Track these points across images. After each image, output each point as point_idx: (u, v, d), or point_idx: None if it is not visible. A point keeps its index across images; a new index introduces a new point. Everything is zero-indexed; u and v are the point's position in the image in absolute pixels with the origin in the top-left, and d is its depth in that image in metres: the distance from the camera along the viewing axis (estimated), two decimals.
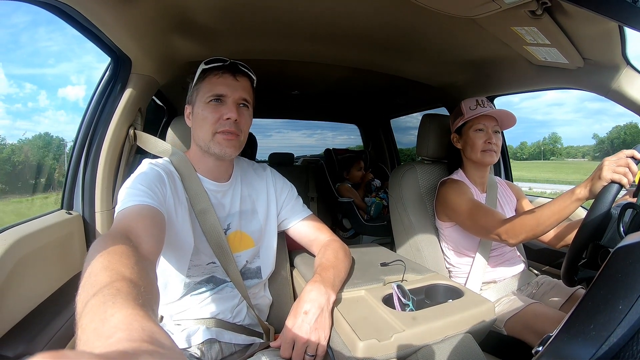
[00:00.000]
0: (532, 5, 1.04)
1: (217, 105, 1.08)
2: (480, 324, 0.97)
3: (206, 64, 1.10)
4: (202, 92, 1.09)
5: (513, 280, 1.59)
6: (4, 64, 67.00)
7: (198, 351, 1.05)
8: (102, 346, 0.38)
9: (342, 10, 1.32)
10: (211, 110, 1.07)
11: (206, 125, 1.07)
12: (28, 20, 33.77)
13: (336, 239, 1.28)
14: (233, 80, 1.09)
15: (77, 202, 1.32)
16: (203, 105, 1.08)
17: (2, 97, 62.63)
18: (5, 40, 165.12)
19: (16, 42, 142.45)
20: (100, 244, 0.65)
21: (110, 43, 1.21)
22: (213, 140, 1.08)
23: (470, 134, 1.61)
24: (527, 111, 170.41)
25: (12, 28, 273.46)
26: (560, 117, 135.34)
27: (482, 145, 1.58)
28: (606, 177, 1.06)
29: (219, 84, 1.08)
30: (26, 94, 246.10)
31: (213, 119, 1.07)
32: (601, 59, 1.33)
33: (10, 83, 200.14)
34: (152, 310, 0.51)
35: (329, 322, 0.96)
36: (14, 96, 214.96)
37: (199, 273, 1.10)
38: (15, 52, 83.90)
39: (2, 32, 37.99)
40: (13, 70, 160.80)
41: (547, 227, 1.23)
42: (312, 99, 3.15)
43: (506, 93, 2.04)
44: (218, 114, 1.07)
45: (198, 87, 1.11)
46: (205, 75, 1.10)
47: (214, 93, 1.07)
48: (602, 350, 0.49)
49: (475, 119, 1.60)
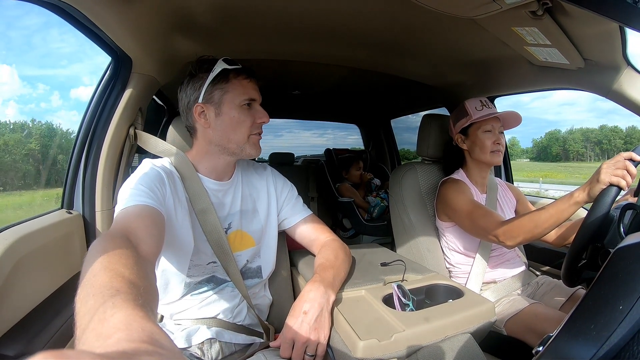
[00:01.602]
0: (532, 6, 1.04)
1: (249, 109, 1.10)
2: (481, 324, 0.97)
3: (228, 64, 1.08)
4: (234, 94, 1.08)
5: (513, 281, 1.59)
6: (17, 66, 67.46)
7: (198, 351, 1.05)
8: (101, 346, 0.38)
9: (343, 10, 1.32)
10: (247, 114, 1.10)
11: (243, 127, 1.09)
12: (40, 22, 34.08)
13: (336, 238, 1.28)
14: (256, 84, 1.13)
15: (78, 201, 1.32)
16: (238, 109, 1.08)
17: (15, 98, 63.41)
18: (19, 42, 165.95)
19: (29, 43, 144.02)
20: (100, 244, 0.65)
21: (111, 42, 1.21)
22: (248, 142, 1.11)
23: (479, 134, 1.61)
24: (538, 111, 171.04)
25: (25, 30, 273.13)
26: (572, 117, 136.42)
27: (491, 146, 1.59)
28: (604, 181, 1.06)
29: (251, 88, 1.11)
30: (39, 94, 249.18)
31: (250, 123, 1.10)
32: (602, 59, 1.32)
33: (24, 84, 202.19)
34: (151, 311, 0.51)
35: (329, 322, 0.97)
36: (27, 97, 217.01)
37: (199, 273, 1.10)
38: (28, 53, 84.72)
39: (16, 34, 38.30)
40: (27, 71, 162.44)
41: (545, 230, 1.24)
42: (312, 99, 3.16)
43: (507, 93, 2.04)
44: (252, 117, 1.10)
45: (225, 87, 1.08)
46: (228, 76, 1.08)
47: (249, 97, 1.10)
48: (603, 351, 0.49)
49: (484, 120, 1.60)
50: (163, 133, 1.58)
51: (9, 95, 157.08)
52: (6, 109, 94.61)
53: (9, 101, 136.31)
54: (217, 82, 1.07)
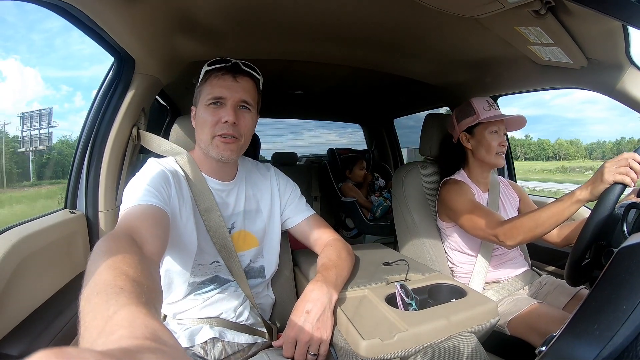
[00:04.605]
0: (535, 5, 1.04)
1: (217, 108, 1.07)
2: (484, 323, 0.97)
3: (208, 65, 1.10)
4: (203, 95, 1.09)
5: (516, 280, 1.58)
6: (40, 68, 67.92)
7: (201, 350, 1.05)
8: (104, 343, 0.38)
9: (346, 9, 1.32)
10: (210, 113, 1.06)
11: (206, 128, 1.07)
12: (61, 25, 33.53)
13: (339, 238, 1.28)
14: (233, 82, 1.08)
15: (81, 201, 1.32)
16: (204, 108, 1.08)
17: (39, 99, 63.97)
18: (41, 44, 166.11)
19: (51, 46, 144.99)
20: (104, 243, 0.65)
21: (113, 43, 1.22)
22: (212, 143, 1.07)
23: (486, 135, 1.59)
24: (559, 109, 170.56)
25: (46, 33, 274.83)
26: (593, 115, 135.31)
27: (497, 147, 1.58)
28: (608, 180, 1.05)
29: (218, 86, 1.07)
30: (62, 95, 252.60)
31: (212, 122, 1.06)
32: (605, 58, 1.32)
33: (47, 85, 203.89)
34: (155, 309, 0.52)
35: (331, 322, 0.97)
36: (50, 97, 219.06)
37: (203, 273, 1.10)
38: (50, 55, 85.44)
39: (38, 37, 38.45)
40: (50, 73, 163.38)
41: (545, 229, 1.22)
42: (315, 99, 3.15)
43: (510, 93, 2.03)
44: (217, 117, 1.06)
45: (200, 88, 1.11)
46: (207, 76, 1.10)
47: (213, 96, 1.07)
48: (606, 351, 0.49)
49: (491, 121, 1.59)
50: (166, 133, 1.59)
51: (32, 96, 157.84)
52: (30, 108, 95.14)
53: (33, 102, 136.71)
54: (200, 84, 1.12)
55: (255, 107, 1.14)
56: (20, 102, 54.42)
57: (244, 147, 1.13)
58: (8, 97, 70.13)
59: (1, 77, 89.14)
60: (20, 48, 45.06)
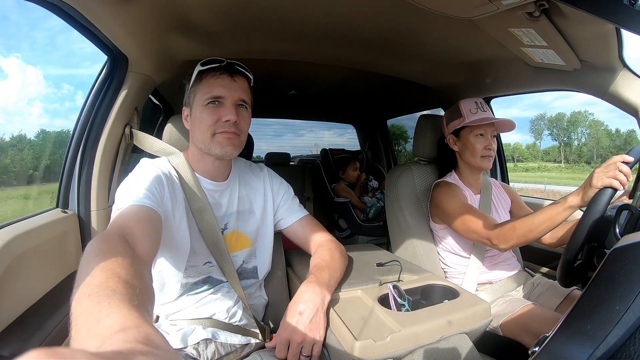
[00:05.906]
0: (529, 7, 1.05)
1: (216, 107, 1.06)
2: (476, 324, 0.98)
3: (203, 65, 1.09)
4: (200, 94, 1.08)
5: (509, 282, 1.59)
6: (42, 66, 67.06)
7: (194, 351, 1.05)
8: (96, 346, 0.38)
9: (340, 10, 1.32)
10: (210, 112, 1.06)
11: (205, 127, 1.06)
12: (62, 24, 33.64)
13: (332, 239, 1.28)
14: (231, 81, 1.08)
15: (73, 200, 1.31)
16: (201, 108, 1.07)
17: (41, 97, 63.24)
18: (43, 42, 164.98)
19: (53, 44, 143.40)
20: (96, 244, 0.64)
21: (107, 41, 1.21)
22: (213, 140, 1.07)
23: (470, 138, 1.59)
24: (559, 111, 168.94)
25: (49, 31, 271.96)
26: (594, 118, 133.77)
27: (482, 150, 1.58)
28: (597, 185, 1.08)
29: (217, 85, 1.07)
30: (64, 94, 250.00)
31: (212, 121, 1.06)
32: (598, 61, 1.33)
33: (48, 83, 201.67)
34: (147, 311, 0.51)
35: (324, 323, 0.97)
36: (51, 96, 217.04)
37: (195, 274, 1.10)
38: (52, 53, 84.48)
39: (40, 35, 37.99)
40: (51, 71, 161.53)
41: (538, 234, 1.24)
42: (309, 99, 3.16)
43: (503, 94, 2.04)
44: (217, 116, 1.06)
45: (195, 88, 1.10)
46: (202, 76, 1.09)
47: (212, 95, 1.06)
48: (599, 351, 0.49)
49: (477, 125, 1.58)
50: (159, 132, 1.58)
51: (34, 94, 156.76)
52: (31, 107, 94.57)
53: (35, 100, 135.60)
54: (194, 84, 1.10)
55: (250, 106, 1.14)
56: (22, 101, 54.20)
57: (243, 144, 1.14)
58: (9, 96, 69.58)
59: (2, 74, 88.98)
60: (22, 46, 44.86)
